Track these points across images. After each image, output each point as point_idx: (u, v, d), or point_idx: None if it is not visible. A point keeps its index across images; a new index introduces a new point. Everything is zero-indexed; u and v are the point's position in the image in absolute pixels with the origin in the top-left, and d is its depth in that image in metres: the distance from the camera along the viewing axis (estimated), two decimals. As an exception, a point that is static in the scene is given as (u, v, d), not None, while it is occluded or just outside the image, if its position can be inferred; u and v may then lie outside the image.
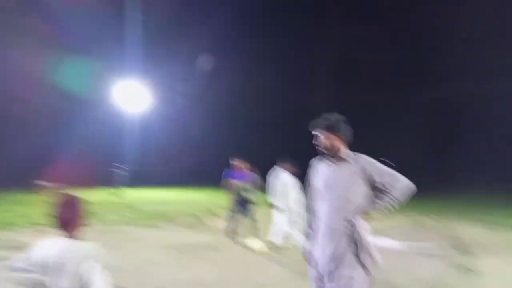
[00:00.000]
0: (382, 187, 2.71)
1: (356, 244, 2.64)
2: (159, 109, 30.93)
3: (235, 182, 7.48)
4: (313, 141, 2.87)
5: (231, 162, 7.69)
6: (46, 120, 29.46)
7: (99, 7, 27.06)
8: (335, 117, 2.88)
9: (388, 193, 2.72)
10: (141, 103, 26.92)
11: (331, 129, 2.83)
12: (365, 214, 2.71)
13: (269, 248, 6.73)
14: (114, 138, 27.68)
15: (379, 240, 7.87)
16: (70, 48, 26.75)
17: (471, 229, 9.63)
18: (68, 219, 2.07)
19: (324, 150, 2.84)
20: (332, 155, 2.82)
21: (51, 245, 2.00)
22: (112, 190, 19.75)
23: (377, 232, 8.56)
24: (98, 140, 28.85)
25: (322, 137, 2.84)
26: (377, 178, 2.71)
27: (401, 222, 10.68)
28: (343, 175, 2.75)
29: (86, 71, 26.67)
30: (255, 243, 6.94)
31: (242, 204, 7.39)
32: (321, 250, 2.73)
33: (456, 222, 10.92)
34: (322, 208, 2.79)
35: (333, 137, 2.82)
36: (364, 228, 2.71)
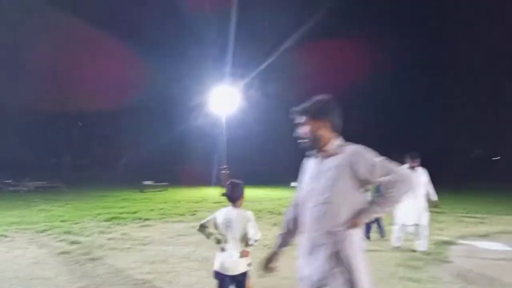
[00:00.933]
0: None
1: (343, 266, 2.02)
2: (249, 111, 31.89)
3: None
4: (295, 132, 2.25)
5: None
6: (157, 126, 32.38)
7: (197, 13, 28.77)
8: (321, 99, 2.22)
9: (385, 194, 2.08)
10: (234, 105, 28.06)
11: (315, 114, 2.17)
12: (354, 221, 2.05)
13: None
14: (213, 140, 29.32)
15: (486, 244, 7.21)
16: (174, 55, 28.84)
17: None
18: (235, 196, 3.22)
19: (308, 142, 2.20)
20: (318, 148, 2.19)
21: (226, 212, 3.21)
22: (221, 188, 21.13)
23: (484, 236, 7.91)
24: (201, 143, 30.90)
25: (305, 126, 2.19)
26: (370, 176, 2.05)
27: (512, 226, 9.55)
28: (327, 175, 2.10)
29: (187, 77, 28.67)
30: None
31: None
32: (304, 271, 2.16)
33: None
34: (304, 218, 2.19)
35: (318, 124, 2.17)
36: (355, 242, 2.07)
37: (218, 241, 3.20)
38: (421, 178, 6.52)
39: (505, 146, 56.12)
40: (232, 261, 3.09)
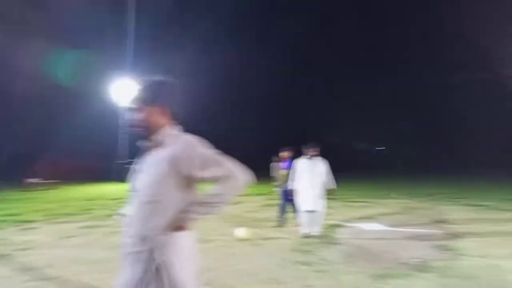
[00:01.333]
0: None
1: (158, 274, 1.78)
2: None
3: (284, 172, 7.66)
4: (128, 122, 2.04)
5: (281, 153, 8.04)
6: (40, 115, 29.06)
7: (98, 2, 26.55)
8: (157, 81, 1.95)
9: (214, 194, 1.85)
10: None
11: (149, 98, 1.90)
12: (176, 224, 1.81)
13: (253, 236, 6.73)
14: (111, 133, 27.47)
15: (370, 225, 8.03)
16: (70, 42, 26.27)
17: (458, 213, 9.73)
18: None
19: (140, 131, 1.92)
20: (150, 136, 1.91)
21: None
22: (113, 184, 19.75)
23: (368, 219, 8.81)
24: (95, 136, 28.61)
25: (138, 112, 1.91)
26: (198, 171, 1.81)
27: (392, 209, 10.77)
28: (151, 169, 1.84)
29: (84, 66, 26.26)
30: (240, 232, 6.95)
31: (290, 194, 7.39)
32: (120, 279, 1.89)
33: (445, 207, 11.02)
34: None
35: (152, 110, 1.90)
36: (179, 248, 1.86)
37: None
38: (320, 167, 6.95)
39: (386, 139, 63.53)
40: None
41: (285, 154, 8.05)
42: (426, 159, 50.63)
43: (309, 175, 6.93)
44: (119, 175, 25.12)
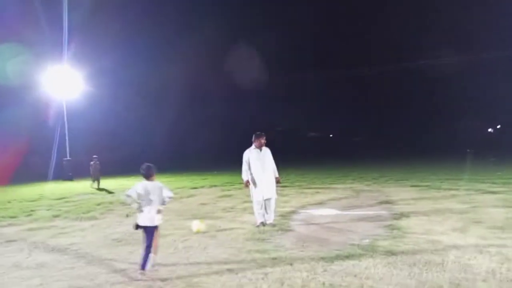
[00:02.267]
0: None
1: None
2: (92, 97, 29.27)
3: None
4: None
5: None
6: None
7: None
8: None
9: None
10: (74, 90, 25.16)
11: None
12: None
13: (206, 228, 6.69)
14: (50, 129, 25.93)
15: (322, 211, 8.25)
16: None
17: (403, 194, 10.29)
18: (150, 174, 4.64)
19: None
20: None
21: (143, 184, 4.57)
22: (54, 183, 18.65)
23: (320, 204, 9.02)
24: (33, 132, 26.86)
25: None
26: None
27: (342, 194, 11.15)
28: None
29: (13, 58, 24.45)
30: (195, 224, 6.88)
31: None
32: None
33: (390, 189, 11.60)
34: None
35: None
36: None
37: (138, 206, 4.54)
38: (269, 155, 7.00)
39: (335, 126, 65.54)
40: (150, 216, 4.54)
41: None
42: (373, 145, 53.06)
43: (260, 164, 6.97)
44: (65, 173, 23.84)
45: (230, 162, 7.61)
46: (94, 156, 16.70)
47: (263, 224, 6.87)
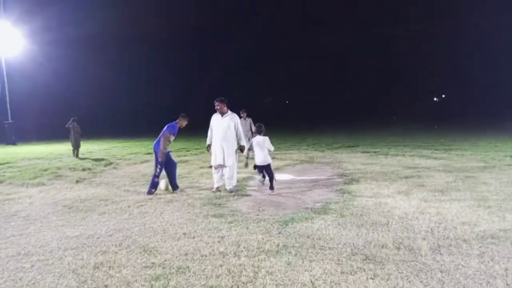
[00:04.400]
0: None
1: None
2: (37, 56, 27.22)
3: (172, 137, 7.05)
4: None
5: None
6: None
7: None
8: None
9: None
10: (14, 47, 23.19)
11: None
12: None
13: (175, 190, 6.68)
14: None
15: (277, 176, 8.45)
16: None
17: (354, 159, 10.75)
18: (262, 131, 7.13)
19: None
20: None
21: (256, 139, 7.07)
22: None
23: (276, 169, 9.18)
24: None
25: None
26: None
27: (297, 160, 11.43)
28: None
29: None
30: (164, 183, 7.03)
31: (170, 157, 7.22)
32: None
33: (342, 155, 12.06)
34: None
35: None
36: None
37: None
38: (229, 122, 6.92)
39: (292, 93, 66.24)
40: (264, 158, 6.90)
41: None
42: (328, 112, 54.42)
43: (220, 130, 6.95)
44: (8, 137, 22.40)
45: (184, 129, 7.50)
46: (73, 118, 14.41)
47: (218, 189, 6.94)
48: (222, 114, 7.02)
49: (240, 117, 11.21)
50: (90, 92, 42.43)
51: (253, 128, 11.18)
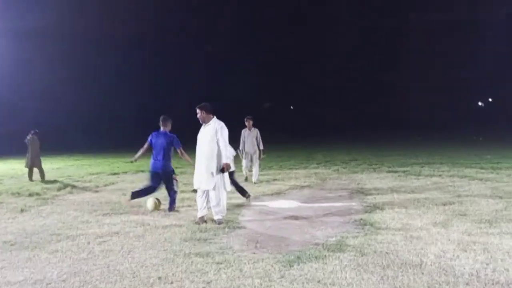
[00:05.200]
0: None
1: None
2: None
3: None
4: None
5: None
6: None
7: None
8: None
9: None
10: None
11: None
12: None
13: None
14: None
15: (279, 203, 8.44)
16: None
17: (376, 181, 10.78)
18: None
19: None
20: None
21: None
22: None
23: (277, 194, 9.19)
24: None
25: None
26: None
27: (304, 181, 11.44)
28: None
29: None
30: (150, 202, 7.75)
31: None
32: None
33: (362, 175, 12.10)
34: None
35: None
36: None
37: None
38: (213, 135, 6.96)
39: (293, 97, 67.03)
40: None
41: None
42: (340, 120, 54.63)
43: (201, 144, 6.99)
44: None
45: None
46: (34, 130, 13.87)
47: (203, 220, 6.91)
48: (204, 123, 7.12)
49: (244, 127, 11.68)
50: (38, 94, 42.59)
51: (261, 143, 11.53)
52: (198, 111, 7.12)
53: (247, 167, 11.73)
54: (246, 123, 11.68)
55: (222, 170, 6.94)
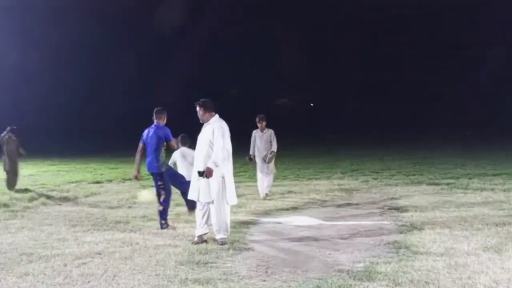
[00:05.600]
0: None
1: None
2: None
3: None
4: None
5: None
6: None
7: None
8: None
9: None
10: None
11: None
12: None
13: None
14: None
15: (296, 219, 8.43)
16: None
17: (414, 195, 10.73)
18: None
19: None
20: None
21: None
22: None
23: (294, 209, 9.18)
24: None
25: None
26: None
27: (327, 193, 11.39)
28: None
29: None
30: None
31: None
32: None
33: (396, 187, 12.05)
34: None
35: None
36: None
37: None
38: (216, 136, 6.98)
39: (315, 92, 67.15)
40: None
41: None
42: (370, 120, 54.23)
43: (200, 147, 7.02)
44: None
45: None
46: (11, 126, 13.86)
47: (203, 239, 6.92)
48: (204, 122, 7.19)
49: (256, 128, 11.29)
50: (6, 88, 43.03)
51: (274, 145, 11.05)
52: (197, 108, 7.16)
53: (262, 180, 11.12)
54: (259, 124, 11.19)
55: (201, 173, 6.91)
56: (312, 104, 74.83)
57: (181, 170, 9.07)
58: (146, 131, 8.22)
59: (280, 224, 8.22)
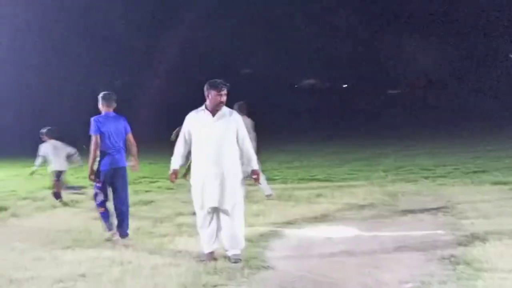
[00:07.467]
0: None
1: None
2: None
3: None
4: None
5: None
6: None
7: None
8: None
9: None
10: None
11: None
12: None
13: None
14: None
15: (327, 231, 8.43)
16: None
17: (475, 199, 10.64)
18: None
19: None
20: None
21: None
22: None
23: (324, 218, 9.19)
24: None
25: None
26: None
27: (365, 197, 11.38)
28: None
29: None
30: None
31: None
32: None
33: (452, 188, 12.01)
34: None
35: None
36: None
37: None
38: (229, 129, 6.98)
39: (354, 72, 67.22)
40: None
41: None
42: (416, 103, 53.90)
43: (210, 141, 6.87)
44: None
45: (154, 139, 7.65)
46: None
47: (212, 257, 6.94)
48: (215, 111, 6.96)
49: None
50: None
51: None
52: (225, 91, 6.95)
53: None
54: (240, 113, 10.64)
55: (255, 179, 7.36)
56: (345, 85, 74.67)
57: (55, 163, 11.28)
58: (99, 121, 8.43)
59: (307, 237, 8.21)
